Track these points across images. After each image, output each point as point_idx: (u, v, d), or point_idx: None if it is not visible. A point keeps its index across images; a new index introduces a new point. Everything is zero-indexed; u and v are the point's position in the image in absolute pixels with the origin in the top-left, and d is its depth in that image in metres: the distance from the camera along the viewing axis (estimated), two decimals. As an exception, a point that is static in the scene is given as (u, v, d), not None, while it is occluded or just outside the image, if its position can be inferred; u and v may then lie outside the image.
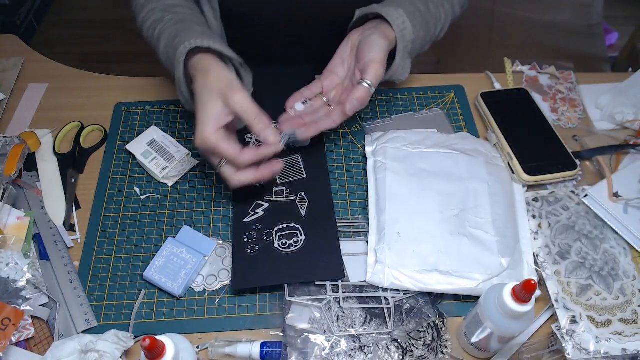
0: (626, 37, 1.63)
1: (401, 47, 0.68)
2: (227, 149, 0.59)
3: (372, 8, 0.69)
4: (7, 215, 0.65)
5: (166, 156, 0.73)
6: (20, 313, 0.56)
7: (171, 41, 0.66)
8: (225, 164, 0.60)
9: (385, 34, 0.67)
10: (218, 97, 0.59)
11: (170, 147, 0.74)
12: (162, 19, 0.70)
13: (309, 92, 0.71)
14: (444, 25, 0.76)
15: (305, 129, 0.67)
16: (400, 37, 0.67)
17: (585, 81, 0.84)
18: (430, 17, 0.72)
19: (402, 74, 0.73)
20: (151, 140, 0.74)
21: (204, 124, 0.59)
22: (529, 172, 0.68)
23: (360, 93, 0.64)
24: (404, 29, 0.67)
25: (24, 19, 2.13)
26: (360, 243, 0.65)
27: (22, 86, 0.84)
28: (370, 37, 0.66)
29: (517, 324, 0.50)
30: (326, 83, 0.71)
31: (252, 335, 0.59)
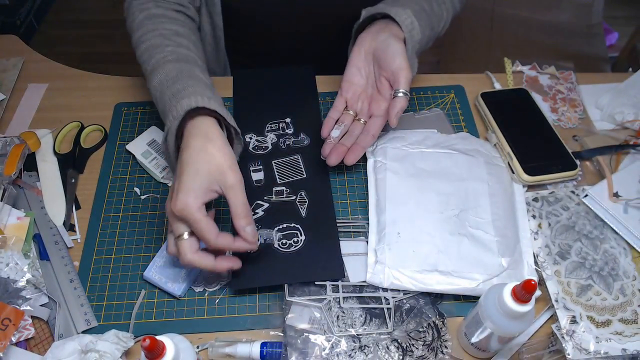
0: (626, 37, 1.63)
1: (409, 47, 0.68)
2: (207, 228, 0.54)
3: (379, 8, 0.69)
4: (7, 215, 0.65)
5: None
6: (20, 313, 0.56)
7: (170, 84, 0.61)
8: (188, 237, 0.55)
9: (397, 35, 0.67)
10: (215, 172, 0.55)
11: None
12: (161, 48, 0.65)
13: (336, 112, 0.70)
14: (445, 23, 0.76)
15: (350, 154, 0.66)
16: (409, 37, 0.67)
17: (585, 81, 0.84)
18: (434, 15, 0.73)
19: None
20: (151, 140, 0.74)
21: (190, 192, 0.53)
22: (529, 172, 0.68)
23: (400, 104, 0.64)
24: (412, 29, 0.67)
25: (24, 19, 2.13)
26: (360, 243, 0.65)
27: (22, 86, 0.84)
28: (387, 43, 0.66)
29: (517, 324, 0.50)
30: (348, 95, 0.70)
31: (252, 335, 0.59)
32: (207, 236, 0.54)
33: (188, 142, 0.56)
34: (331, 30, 0.78)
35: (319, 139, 0.74)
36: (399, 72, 0.64)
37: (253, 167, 0.71)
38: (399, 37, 0.66)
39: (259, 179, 0.70)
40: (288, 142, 0.74)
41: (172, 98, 0.59)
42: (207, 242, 0.55)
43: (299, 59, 0.84)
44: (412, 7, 0.69)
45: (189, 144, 0.56)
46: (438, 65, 1.70)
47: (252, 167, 0.71)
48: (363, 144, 0.67)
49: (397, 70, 0.64)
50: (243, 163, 0.71)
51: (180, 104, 0.57)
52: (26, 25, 2.15)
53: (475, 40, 1.53)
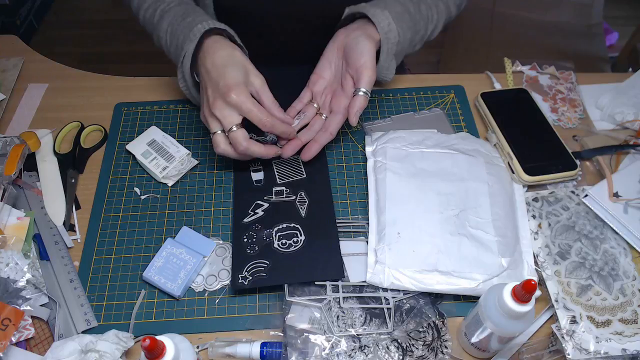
0: (626, 37, 1.63)
1: (385, 48, 0.68)
2: (261, 109, 0.61)
3: (359, 7, 0.70)
4: (7, 215, 0.65)
5: (166, 156, 0.73)
6: (20, 313, 0.56)
7: (179, 20, 0.68)
8: (237, 128, 0.61)
9: (371, 35, 0.67)
10: (245, 73, 0.63)
11: (170, 147, 0.74)
12: (162, 1, 0.72)
13: (300, 104, 0.72)
14: (436, 26, 0.76)
15: (306, 150, 0.68)
16: (384, 39, 0.68)
17: (585, 81, 0.84)
18: (421, 17, 0.72)
19: (387, 75, 0.73)
20: (151, 140, 0.74)
21: (239, 83, 0.61)
22: (529, 172, 0.68)
23: (360, 103, 0.65)
24: (388, 32, 0.68)
25: (24, 19, 2.13)
26: (360, 243, 0.65)
27: (22, 86, 0.84)
28: (357, 41, 0.67)
29: (517, 324, 0.50)
30: (315, 88, 0.72)
31: (252, 335, 0.59)
32: (263, 115, 0.61)
33: (214, 51, 0.64)
34: (323, 29, 0.78)
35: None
36: (363, 70, 0.65)
37: (253, 167, 0.71)
38: (373, 38, 0.67)
39: (259, 179, 0.70)
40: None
41: (186, 28, 0.66)
42: (264, 120, 0.61)
43: (291, 57, 0.84)
44: (394, 8, 0.69)
45: (215, 52, 0.64)
46: (438, 65, 1.70)
47: (252, 167, 0.71)
48: (320, 141, 0.68)
49: (361, 68, 0.65)
50: (243, 163, 0.72)
51: (195, 28, 0.64)
52: (26, 25, 2.15)
53: (475, 40, 1.53)
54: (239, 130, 0.62)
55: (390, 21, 0.68)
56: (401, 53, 0.72)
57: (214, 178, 0.72)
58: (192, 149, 0.74)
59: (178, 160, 0.72)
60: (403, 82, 0.84)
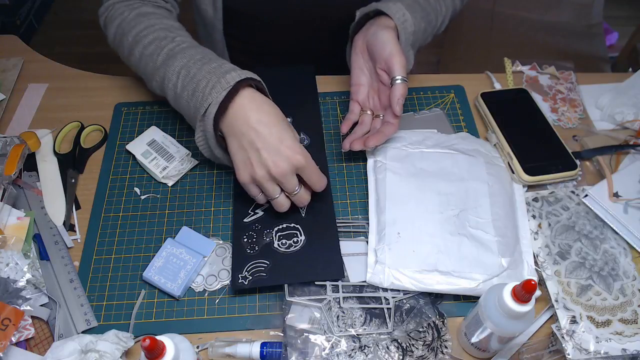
0: (626, 37, 1.63)
1: (403, 38, 0.68)
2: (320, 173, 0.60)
3: (371, 6, 0.70)
4: (7, 215, 0.65)
5: (166, 156, 0.73)
6: (20, 313, 0.56)
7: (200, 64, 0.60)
8: (300, 189, 0.60)
9: (388, 26, 0.67)
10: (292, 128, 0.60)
11: (170, 147, 0.74)
12: (169, 39, 0.65)
13: (354, 115, 0.71)
14: (444, 18, 0.76)
15: (372, 138, 0.67)
16: (401, 29, 0.67)
17: (585, 81, 0.84)
18: (431, 9, 0.73)
19: (407, 65, 0.73)
20: (151, 140, 0.74)
21: (297, 142, 0.58)
22: (529, 172, 0.68)
23: (399, 91, 0.64)
24: (404, 21, 0.68)
25: (24, 19, 2.13)
26: (360, 243, 0.65)
27: (22, 86, 0.84)
28: (376, 35, 0.66)
29: (517, 324, 0.50)
30: (359, 98, 0.71)
31: (252, 335, 0.59)
32: (321, 179, 0.60)
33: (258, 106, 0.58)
34: (329, 28, 0.78)
35: (319, 139, 0.74)
36: (391, 59, 0.64)
37: (253, 167, 0.71)
38: (390, 27, 0.67)
39: (259, 179, 0.70)
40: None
41: (210, 73, 0.59)
42: (320, 184, 0.60)
43: (297, 57, 0.84)
44: (405, 1, 0.69)
45: (260, 107, 0.58)
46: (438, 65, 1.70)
47: (252, 167, 0.71)
48: (386, 131, 0.67)
49: (388, 57, 0.64)
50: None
51: (229, 75, 0.58)
52: (26, 25, 2.15)
53: (475, 40, 1.53)
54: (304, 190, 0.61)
55: (404, 12, 0.68)
56: (416, 44, 0.72)
57: (214, 178, 0.72)
58: (192, 149, 0.74)
59: (178, 160, 0.72)
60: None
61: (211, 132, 0.59)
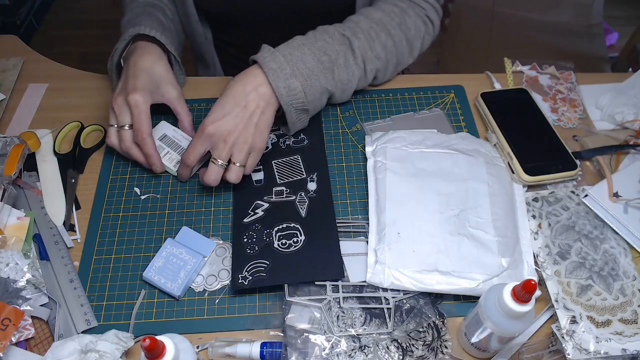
0: (626, 37, 1.63)
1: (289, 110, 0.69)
2: (147, 122, 0.68)
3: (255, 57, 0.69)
4: (7, 215, 0.65)
5: (179, 150, 0.73)
6: (20, 313, 0.56)
7: (131, 19, 0.76)
8: (129, 129, 0.68)
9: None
10: (161, 83, 0.71)
11: (182, 140, 0.74)
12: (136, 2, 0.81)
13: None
14: (357, 83, 0.75)
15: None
16: (286, 104, 0.68)
17: (585, 81, 0.84)
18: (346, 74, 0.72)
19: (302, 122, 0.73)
20: (162, 135, 0.74)
21: (145, 90, 0.67)
22: (529, 172, 0.68)
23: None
24: (291, 95, 0.68)
25: (24, 19, 2.13)
26: (360, 243, 0.65)
27: (22, 86, 0.84)
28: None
29: (517, 324, 0.50)
30: None
31: (252, 335, 0.59)
32: (144, 128, 0.67)
33: (141, 54, 0.70)
34: (309, 26, 0.78)
35: (319, 138, 0.74)
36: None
37: (253, 167, 0.71)
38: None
39: (259, 179, 0.70)
40: (288, 142, 0.74)
41: (127, 26, 0.75)
42: (141, 133, 0.67)
43: None
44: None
45: (142, 56, 0.70)
46: (438, 65, 1.70)
47: (252, 167, 0.71)
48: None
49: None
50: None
51: (129, 30, 0.72)
52: (26, 25, 2.15)
53: (475, 40, 1.53)
54: (129, 130, 0.68)
55: (289, 81, 0.67)
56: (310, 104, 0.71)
57: (214, 178, 0.72)
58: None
59: None
60: (403, 82, 0.84)
61: (114, 69, 0.75)
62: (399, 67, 0.78)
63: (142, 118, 0.67)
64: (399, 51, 0.75)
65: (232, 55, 0.95)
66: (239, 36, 0.91)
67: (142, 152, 0.69)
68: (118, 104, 0.68)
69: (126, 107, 0.68)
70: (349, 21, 0.73)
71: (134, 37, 0.73)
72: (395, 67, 0.78)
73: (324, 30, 0.71)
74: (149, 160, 0.69)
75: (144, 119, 0.67)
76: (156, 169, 0.70)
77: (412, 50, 0.78)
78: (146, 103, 0.68)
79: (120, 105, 0.68)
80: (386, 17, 0.74)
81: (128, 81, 0.68)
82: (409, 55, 0.78)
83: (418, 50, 0.79)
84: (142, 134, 0.67)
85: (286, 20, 0.83)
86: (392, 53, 0.75)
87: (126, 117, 0.68)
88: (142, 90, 0.67)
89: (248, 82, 0.66)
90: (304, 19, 0.76)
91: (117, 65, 0.74)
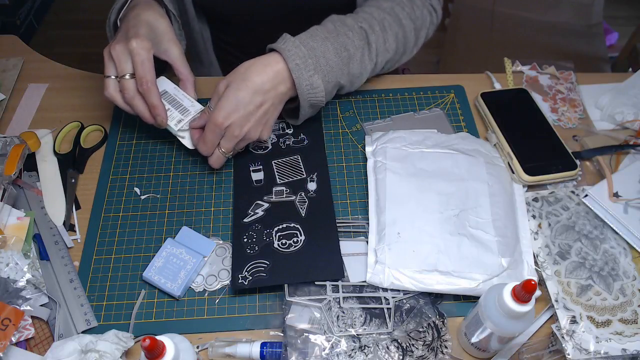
0: (626, 37, 1.63)
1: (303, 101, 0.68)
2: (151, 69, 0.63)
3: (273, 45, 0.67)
4: (7, 215, 0.65)
5: (180, 109, 0.70)
6: (20, 313, 0.56)
7: None
8: (130, 78, 0.63)
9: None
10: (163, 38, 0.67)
11: (184, 100, 0.71)
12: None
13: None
14: (369, 74, 0.74)
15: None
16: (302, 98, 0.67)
17: (585, 81, 0.84)
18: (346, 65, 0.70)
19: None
20: (163, 91, 0.71)
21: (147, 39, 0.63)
22: (529, 172, 0.68)
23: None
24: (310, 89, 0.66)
25: (24, 19, 2.13)
26: (360, 243, 0.65)
27: (22, 86, 0.84)
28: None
29: (517, 324, 0.50)
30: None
31: (252, 335, 0.59)
32: (149, 76, 0.63)
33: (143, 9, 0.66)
34: (306, 23, 0.78)
35: (319, 139, 0.74)
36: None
37: (253, 167, 0.71)
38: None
39: (259, 179, 0.70)
40: (288, 142, 0.74)
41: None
42: (146, 81, 0.63)
43: None
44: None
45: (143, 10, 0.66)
46: (438, 65, 1.70)
47: (252, 167, 0.71)
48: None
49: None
50: (243, 163, 0.72)
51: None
52: (26, 25, 2.15)
53: (475, 40, 1.53)
54: (131, 79, 0.64)
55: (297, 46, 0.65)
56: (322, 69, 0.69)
57: (214, 178, 0.72)
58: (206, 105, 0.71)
59: (193, 114, 0.70)
60: (403, 82, 0.84)
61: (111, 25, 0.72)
62: (404, 57, 0.78)
63: (146, 66, 0.63)
64: (408, 41, 0.75)
65: (230, 54, 0.95)
66: (238, 35, 0.91)
67: (147, 102, 0.65)
68: (117, 51, 0.63)
69: (127, 55, 0.63)
70: (362, 12, 0.72)
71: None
72: (401, 56, 0.77)
73: (342, 22, 0.69)
74: (154, 111, 0.65)
75: (148, 67, 0.63)
76: (161, 121, 0.66)
77: (418, 40, 0.77)
78: (149, 50, 0.63)
79: (120, 52, 0.63)
80: (397, 7, 0.73)
81: (129, 30, 0.64)
82: (414, 45, 0.78)
83: (423, 40, 0.78)
84: (147, 82, 0.63)
85: (286, 18, 0.83)
86: (401, 43, 0.74)
87: (127, 65, 0.63)
88: (144, 37, 0.63)
89: (268, 79, 0.63)
90: (304, 17, 0.76)
91: (115, 25, 0.71)
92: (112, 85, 0.65)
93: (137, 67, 0.63)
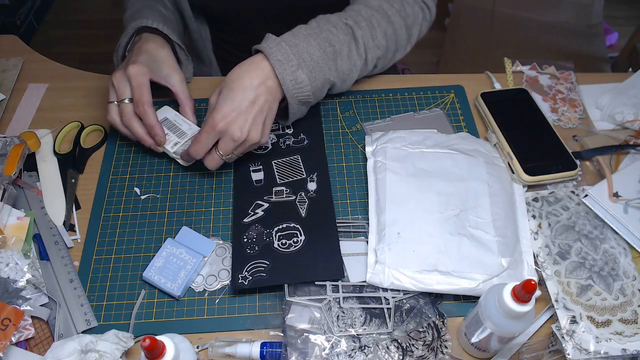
0: (626, 37, 1.63)
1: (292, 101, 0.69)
2: (147, 94, 0.67)
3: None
4: (7, 215, 0.65)
5: (177, 132, 0.73)
6: (20, 313, 0.56)
7: (133, 13, 0.77)
8: (129, 102, 0.68)
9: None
10: (163, 67, 0.71)
11: (182, 124, 0.74)
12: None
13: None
14: (360, 73, 0.74)
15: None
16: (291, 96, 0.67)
17: (585, 81, 0.84)
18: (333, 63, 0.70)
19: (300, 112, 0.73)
20: (164, 118, 0.74)
21: (146, 67, 0.68)
22: (529, 172, 0.68)
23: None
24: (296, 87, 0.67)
25: (24, 19, 2.13)
26: (360, 243, 0.65)
27: (22, 86, 0.84)
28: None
29: (517, 324, 0.50)
30: None
31: (252, 335, 0.59)
32: (144, 98, 0.67)
33: (145, 42, 0.72)
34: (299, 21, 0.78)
35: (319, 138, 0.74)
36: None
37: (253, 167, 0.71)
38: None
39: (259, 179, 0.70)
40: (288, 142, 0.74)
41: (129, 20, 0.76)
42: (142, 104, 0.67)
43: None
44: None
45: (145, 43, 0.71)
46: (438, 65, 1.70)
47: (252, 167, 0.71)
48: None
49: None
50: (243, 163, 0.72)
51: (132, 24, 0.74)
52: (26, 25, 2.15)
53: (475, 40, 1.53)
54: (129, 103, 0.68)
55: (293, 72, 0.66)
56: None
57: (214, 178, 0.72)
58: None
59: (189, 137, 0.72)
60: (403, 82, 0.84)
61: (118, 63, 0.76)
62: (397, 55, 0.78)
63: (142, 89, 0.67)
64: (399, 38, 0.75)
65: (229, 52, 0.95)
66: (237, 34, 0.91)
67: (144, 124, 0.68)
68: (117, 77, 0.68)
69: (125, 80, 0.67)
70: (349, 10, 0.73)
71: (138, 30, 0.74)
72: (394, 54, 0.77)
73: (326, 19, 0.71)
74: (152, 131, 0.68)
75: (144, 90, 0.67)
76: (159, 140, 0.69)
77: (411, 37, 0.77)
78: (145, 75, 0.67)
79: (119, 78, 0.68)
80: (386, 4, 0.74)
81: (130, 59, 0.69)
82: (407, 43, 0.78)
83: (416, 37, 0.78)
84: (143, 104, 0.67)
85: (284, 17, 0.83)
86: (392, 40, 0.74)
87: (126, 89, 0.68)
88: (141, 64, 0.67)
89: (255, 75, 0.64)
90: (301, 15, 0.76)
91: (123, 58, 0.75)
92: (113, 110, 0.69)
93: (134, 91, 0.67)
